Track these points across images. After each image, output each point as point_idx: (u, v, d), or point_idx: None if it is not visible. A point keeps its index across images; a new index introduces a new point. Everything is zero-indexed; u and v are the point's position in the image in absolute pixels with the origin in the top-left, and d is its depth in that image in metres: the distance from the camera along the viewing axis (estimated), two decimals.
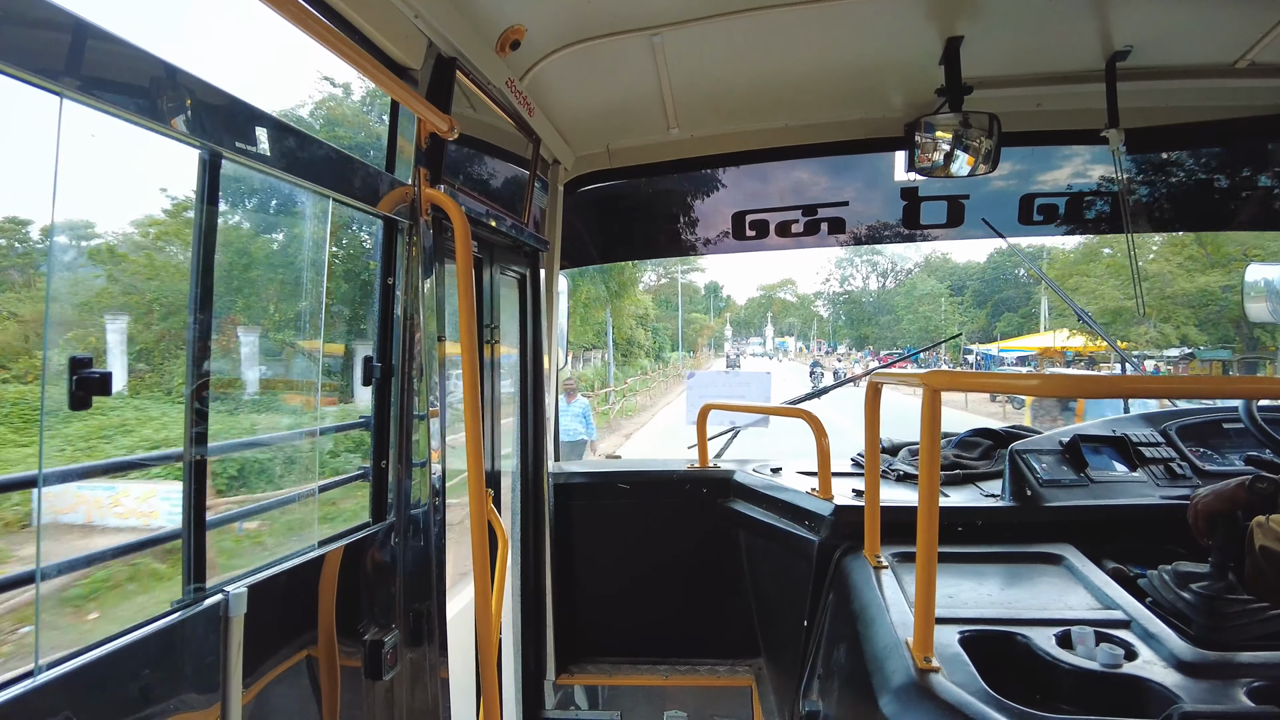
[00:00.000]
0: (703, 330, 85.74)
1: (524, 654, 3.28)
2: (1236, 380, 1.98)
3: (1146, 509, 2.47)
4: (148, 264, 6.89)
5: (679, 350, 68.40)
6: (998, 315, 64.33)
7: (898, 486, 2.95)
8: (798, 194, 3.75)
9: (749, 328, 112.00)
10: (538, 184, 3.04)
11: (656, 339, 56.72)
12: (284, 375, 6.59)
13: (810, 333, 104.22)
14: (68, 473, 2.64)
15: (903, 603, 1.94)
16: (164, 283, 6.59)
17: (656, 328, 58.12)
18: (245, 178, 2.81)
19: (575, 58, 2.64)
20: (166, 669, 1.30)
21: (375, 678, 1.94)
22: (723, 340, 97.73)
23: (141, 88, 1.23)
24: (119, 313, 6.62)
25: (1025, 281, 65.59)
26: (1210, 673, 1.56)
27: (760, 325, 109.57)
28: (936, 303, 72.86)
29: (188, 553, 1.43)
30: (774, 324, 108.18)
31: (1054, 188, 3.63)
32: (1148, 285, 29.95)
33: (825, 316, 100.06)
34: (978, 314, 68.37)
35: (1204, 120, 3.13)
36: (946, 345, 47.96)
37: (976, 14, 2.53)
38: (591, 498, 3.48)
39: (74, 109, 1.11)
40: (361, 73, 1.70)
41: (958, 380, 1.60)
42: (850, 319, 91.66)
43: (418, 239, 2.08)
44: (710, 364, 74.83)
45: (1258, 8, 2.48)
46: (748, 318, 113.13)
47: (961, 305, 71.78)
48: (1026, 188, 3.64)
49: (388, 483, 2.07)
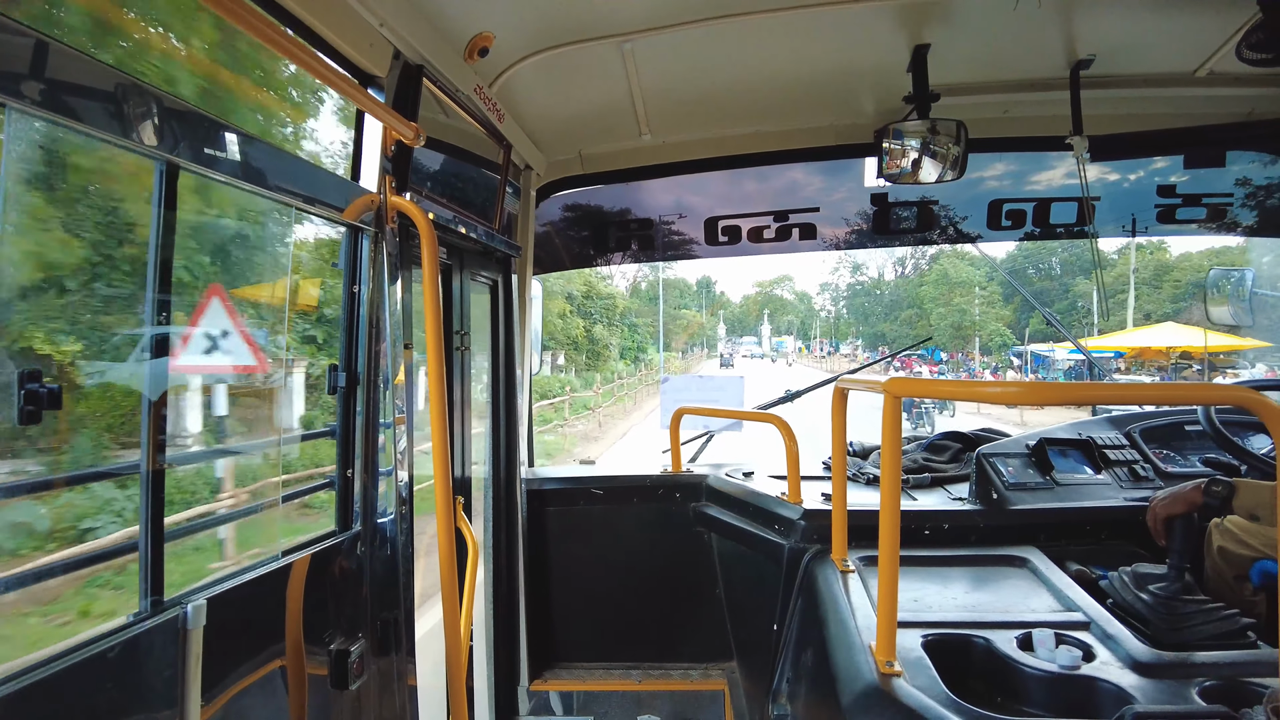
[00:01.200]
0: (688, 326, 79.94)
1: (497, 660, 3.26)
2: (1197, 387, 2.03)
3: (1110, 511, 2.51)
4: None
5: (663, 350, 61.77)
6: (1028, 311, 54.92)
7: (867, 489, 2.97)
8: (769, 200, 3.77)
9: (744, 326, 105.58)
10: (509, 190, 3.03)
11: (635, 337, 51.19)
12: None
13: (811, 331, 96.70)
14: (15, 488, 2.60)
15: (868, 606, 1.96)
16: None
17: (635, 323, 52.93)
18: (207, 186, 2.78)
19: (545, 64, 2.64)
20: (122, 685, 1.28)
21: (341, 688, 1.92)
22: (715, 339, 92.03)
23: (97, 98, 1.21)
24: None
25: (1059, 274, 59.31)
26: (1165, 673, 1.59)
27: (755, 324, 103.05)
28: (971, 293, 62.01)
29: (144, 564, 1.41)
30: (771, 322, 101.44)
31: (1021, 193, 3.68)
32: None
33: (831, 313, 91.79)
34: (1003, 310, 59.02)
35: (1166, 128, 3.19)
36: (993, 348, 44.23)
37: (944, 22, 2.56)
38: (565, 503, 3.47)
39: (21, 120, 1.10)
40: (324, 82, 1.69)
41: (917, 387, 1.62)
42: (863, 315, 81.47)
43: (383, 246, 2.06)
44: (701, 365, 70.33)
45: (1216, 19, 2.53)
46: (742, 315, 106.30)
47: (984, 299, 60.72)
48: (994, 193, 3.69)
49: (354, 491, 2.05)
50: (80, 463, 5.35)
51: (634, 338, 50.83)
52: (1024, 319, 55.47)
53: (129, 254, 5.57)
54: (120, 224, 5.54)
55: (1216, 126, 3.17)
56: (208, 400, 5.99)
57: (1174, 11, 2.51)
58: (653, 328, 60.74)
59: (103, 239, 5.51)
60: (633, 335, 50.31)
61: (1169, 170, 3.62)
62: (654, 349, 58.51)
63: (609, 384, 35.05)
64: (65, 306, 5.32)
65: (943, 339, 60.29)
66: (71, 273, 5.23)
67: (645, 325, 58.03)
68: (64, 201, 5.10)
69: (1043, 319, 43.52)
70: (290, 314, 7.30)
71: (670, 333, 70.13)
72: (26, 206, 4.47)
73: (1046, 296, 54.98)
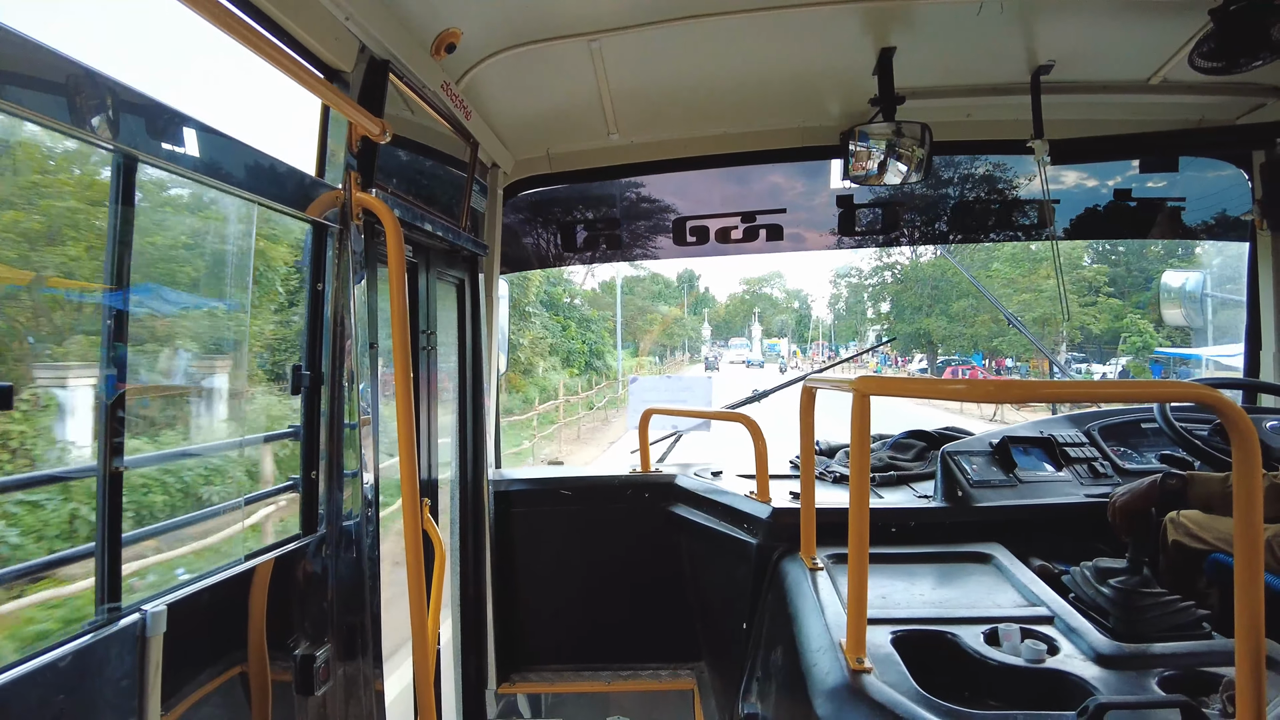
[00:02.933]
0: (663, 323, 68.33)
1: (465, 663, 3.23)
2: (1158, 384, 2.08)
3: (1071, 507, 2.57)
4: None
5: (623, 351, 50.88)
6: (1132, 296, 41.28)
7: (834, 488, 3.00)
8: (737, 201, 3.79)
9: (730, 328, 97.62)
10: (476, 188, 3.00)
11: (587, 337, 39.56)
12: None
13: (809, 333, 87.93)
14: None
15: (837, 604, 1.97)
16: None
17: (586, 318, 42.49)
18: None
19: (513, 62, 2.62)
20: (78, 695, 1.23)
21: (307, 693, 1.89)
22: (699, 342, 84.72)
23: (50, 87, 1.17)
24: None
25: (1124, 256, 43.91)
26: (1125, 664, 1.63)
27: (743, 325, 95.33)
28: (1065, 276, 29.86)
29: (101, 570, 1.37)
30: (761, 323, 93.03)
31: (983, 195, 3.75)
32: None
33: (844, 308, 76.83)
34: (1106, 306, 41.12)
35: (1123, 133, 3.27)
36: (1132, 349, 37.22)
37: (909, 26, 2.60)
38: (533, 504, 3.45)
39: None
40: (288, 75, 1.65)
41: (886, 385, 1.64)
42: (898, 309, 57.84)
43: (348, 244, 2.03)
44: (684, 372, 57.07)
45: (1169, 29, 2.60)
46: (729, 316, 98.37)
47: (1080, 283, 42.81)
48: (958, 196, 3.75)
49: (318, 494, 2.01)
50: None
51: (585, 338, 39.61)
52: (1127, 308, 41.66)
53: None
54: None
55: (1170, 133, 3.26)
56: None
57: (1130, 21, 2.58)
58: (620, 325, 50.62)
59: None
60: (583, 335, 39.28)
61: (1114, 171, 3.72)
62: (618, 353, 47.18)
63: (546, 403, 24.59)
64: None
65: (1026, 341, 35.76)
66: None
67: (604, 321, 47.90)
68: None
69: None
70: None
71: (640, 331, 63.84)
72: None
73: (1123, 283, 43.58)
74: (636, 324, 65.29)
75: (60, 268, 5.23)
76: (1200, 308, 3.65)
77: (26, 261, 5.05)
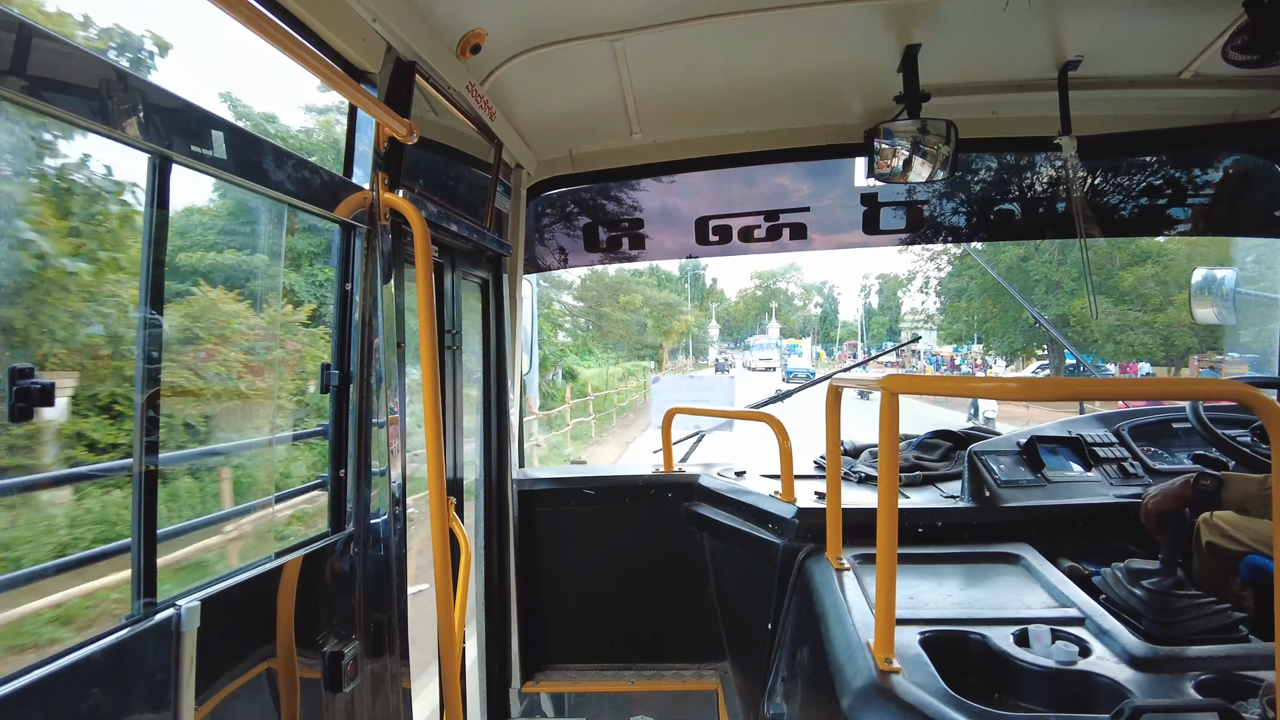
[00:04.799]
0: (661, 319, 55.69)
1: (489, 662, 3.25)
2: (1193, 382, 2.04)
3: (1101, 508, 2.53)
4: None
5: (636, 360, 45.72)
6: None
7: (859, 488, 2.98)
8: (760, 199, 3.78)
9: (742, 328, 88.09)
10: (500, 188, 3.01)
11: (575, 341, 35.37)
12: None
13: (835, 333, 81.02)
14: (7, 487, 2.56)
15: (864, 604, 1.96)
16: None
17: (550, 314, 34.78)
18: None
19: (536, 62, 2.63)
20: (115, 687, 1.26)
21: (335, 690, 1.91)
22: (706, 343, 76.29)
23: (88, 91, 1.20)
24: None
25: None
26: (1160, 667, 1.60)
27: (754, 325, 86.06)
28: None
29: (137, 566, 1.39)
30: (778, 319, 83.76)
31: (1010, 193, 3.71)
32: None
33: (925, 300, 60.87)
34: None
35: (1152, 129, 3.22)
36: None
37: (934, 23, 2.58)
38: (556, 504, 3.46)
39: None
40: (317, 76, 1.68)
41: (915, 384, 1.62)
42: (1002, 303, 40.36)
43: (376, 244, 2.05)
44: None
45: (1199, 22, 2.56)
46: (740, 316, 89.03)
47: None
48: (984, 193, 3.71)
49: (346, 492, 2.03)
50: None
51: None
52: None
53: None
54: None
55: (1201, 128, 3.20)
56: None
57: (1161, 14, 2.54)
58: (599, 328, 45.18)
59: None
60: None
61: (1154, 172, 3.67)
62: (593, 363, 38.87)
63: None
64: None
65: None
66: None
67: (581, 315, 42.30)
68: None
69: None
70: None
71: (616, 332, 50.57)
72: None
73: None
74: (625, 324, 53.41)
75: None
76: (1232, 305, 3.57)
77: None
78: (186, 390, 5.83)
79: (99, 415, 6.13)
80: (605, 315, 48.59)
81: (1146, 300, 36.12)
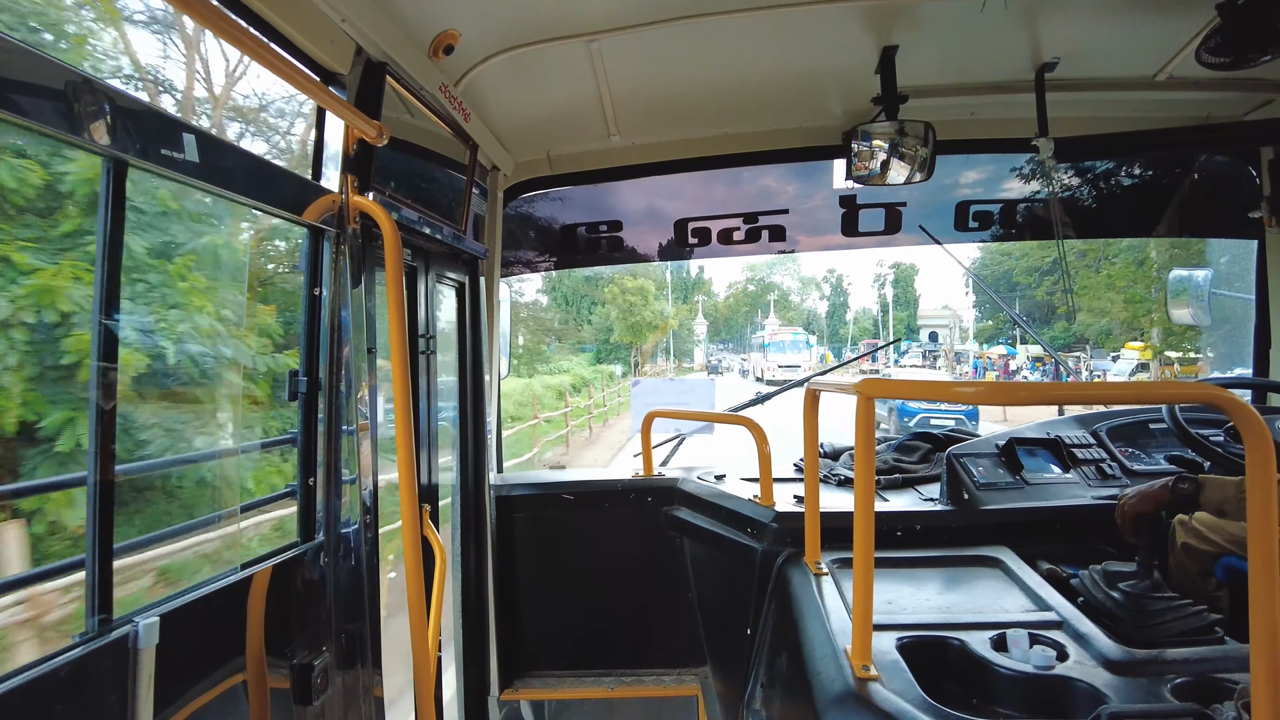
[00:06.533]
0: (628, 310, 48.66)
1: (466, 670, 3.21)
2: (1165, 385, 2.05)
3: (1079, 510, 2.53)
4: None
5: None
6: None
7: (838, 491, 2.97)
8: (739, 202, 3.78)
9: (731, 326, 79.86)
10: (476, 191, 2.98)
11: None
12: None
13: (845, 330, 72.00)
14: None
15: (842, 610, 1.95)
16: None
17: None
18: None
19: (512, 63, 2.60)
20: (67, 709, 1.21)
21: (305, 703, 1.87)
22: (691, 342, 68.69)
23: (45, 93, 1.16)
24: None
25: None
26: (1137, 670, 1.59)
27: (746, 325, 76.78)
28: None
29: (92, 581, 1.34)
30: (777, 314, 73.34)
31: (988, 195, 3.72)
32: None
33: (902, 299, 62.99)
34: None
35: (1128, 131, 3.24)
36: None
37: (911, 24, 2.57)
38: (535, 509, 3.42)
39: None
40: (284, 79, 1.64)
41: (889, 388, 1.61)
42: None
43: (345, 248, 2.01)
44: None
45: (1174, 25, 2.57)
46: (730, 312, 79.57)
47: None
48: (962, 195, 3.72)
49: (316, 500, 1.99)
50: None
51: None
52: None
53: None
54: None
55: (1176, 129, 3.23)
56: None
57: (1136, 17, 2.55)
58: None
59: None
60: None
61: (1130, 173, 3.69)
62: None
63: None
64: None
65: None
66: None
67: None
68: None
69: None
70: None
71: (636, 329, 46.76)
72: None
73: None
74: (588, 318, 49.94)
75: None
76: (1207, 306, 3.61)
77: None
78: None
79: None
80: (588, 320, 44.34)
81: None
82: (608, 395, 33.12)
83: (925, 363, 48.67)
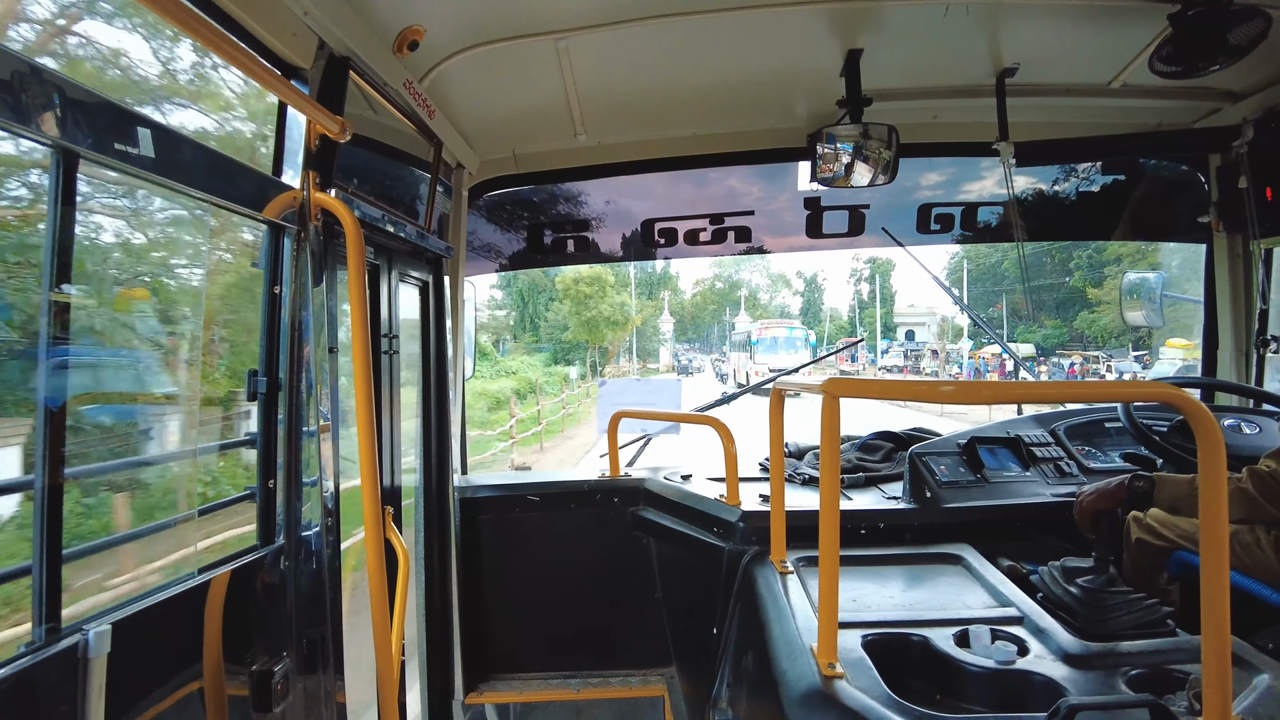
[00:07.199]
0: (582, 304, 45.06)
1: (430, 674, 3.16)
2: (1122, 385, 2.10)
3: (1038, 507, 2.59)
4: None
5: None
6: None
7: (803, 490, 2.99)
8: (706, 202, 3.79)
9: (699, 324, 77.62)
10: (440, 189, 2.94)
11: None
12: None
13: (821, 329, 62.92)
14: None
15: (808, 608, 1.96)
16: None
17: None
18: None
19: (478, 60, 2.58)
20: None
21: (265, 710, 1.82)
22: (657, 341, 64.65)
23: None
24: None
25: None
26: (1094, 663, 1.63)
27: (713, 323, 75.02)
28: None
29: (39, 589, 1.29)
30: (749, 311, 67.93)
31: (948, 198, 3.78)
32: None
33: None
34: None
35: (1085, 136, 3.32)
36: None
37: (876, 28, 2.60)
38: (500, 511, 3.39)
39: None
40: (244, 72, 1.60)
41: (855, 387, 1.62)
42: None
43: (306, 245, 1.97)
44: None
45: (1129, 34, 2.64)
46: (696, 311, 76.38)
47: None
48: (924, 198, 3.78)
49: (276, 503, 1.95)
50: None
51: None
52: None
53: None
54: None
55: (1130, 136, 3.31)
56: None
57: (1092, 25, 2.62)
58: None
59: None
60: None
61: (1077, 174, 3.78)
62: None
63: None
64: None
65: None
66: None
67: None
68: None
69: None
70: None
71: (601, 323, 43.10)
72: None
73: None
74: (544, 314, 46.40)
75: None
76: (1159, 308, 3.71)
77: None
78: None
79: None
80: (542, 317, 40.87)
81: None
82: (565, 400, 29.87)
83: (906, 363, 46.62)
